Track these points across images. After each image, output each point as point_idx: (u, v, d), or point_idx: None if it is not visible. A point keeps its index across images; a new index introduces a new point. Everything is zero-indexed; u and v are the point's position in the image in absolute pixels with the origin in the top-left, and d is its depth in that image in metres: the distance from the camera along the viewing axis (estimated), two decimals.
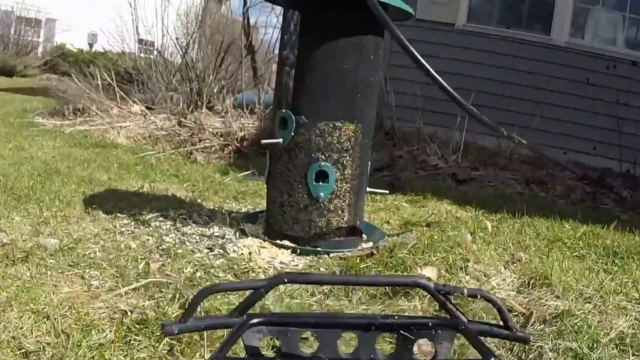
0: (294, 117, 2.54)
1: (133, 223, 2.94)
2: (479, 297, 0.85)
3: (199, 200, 3.44)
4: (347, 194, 2.59)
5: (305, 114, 2.53)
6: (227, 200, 3.52)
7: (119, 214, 3.02)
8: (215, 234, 2.79)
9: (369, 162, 2.73)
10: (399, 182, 4.31)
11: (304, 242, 2.59)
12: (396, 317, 0.86)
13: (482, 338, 0.79)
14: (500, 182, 4.92)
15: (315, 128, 2.53)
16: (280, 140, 2.57)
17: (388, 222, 3.28)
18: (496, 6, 7.38)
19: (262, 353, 0.81)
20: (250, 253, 2.48)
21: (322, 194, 2.52)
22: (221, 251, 2.54)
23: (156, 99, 6.92)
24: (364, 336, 0.83)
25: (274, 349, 1.35)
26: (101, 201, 3.24)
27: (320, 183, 2.53)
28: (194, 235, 2.75)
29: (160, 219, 3.00)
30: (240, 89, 7.23)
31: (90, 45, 11.64)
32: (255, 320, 0.79)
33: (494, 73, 6.65)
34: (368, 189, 2.74)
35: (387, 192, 2.96)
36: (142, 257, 2.39)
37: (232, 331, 0.77)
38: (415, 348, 0.85)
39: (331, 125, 2.54)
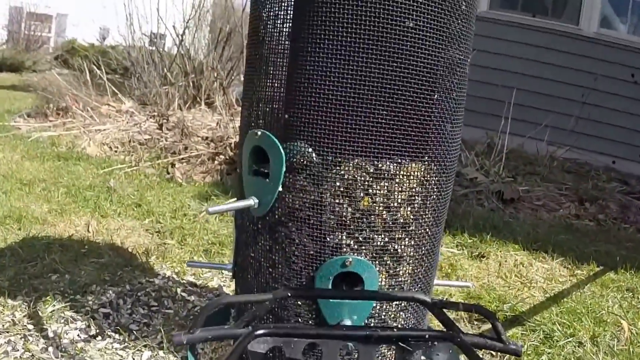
0: (285, 148, 1.03)
1: (25, 319, 1.48)
2: (473, 311, 0.85)
3: (153, 260, 1.94)
4: (401, 313, 1.07)
5: (314, 140, 1.01)
6: (196, 256, 2.01)
7: (9, 300, 1.55)
8: None
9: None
10: None
11: None
12: (395, 330, 0.81)
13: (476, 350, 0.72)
14: (550, 200, 3.42)
15: (337, 174, 1.00)
16: (253, 202, 1.07)
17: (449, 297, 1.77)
18: None
19: None
20: None
21: (347, 320, 1.00)
22: None
23: (150, 95, 5.38)
24: (364, 347, 0.78)
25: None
26: (7, 261, 1.79)
27: (345, 300, 1.02)
28: None
29: (70, 312, 1.52)
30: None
31: (103, 39, 10.14)
32: (260, 332, 0.74)
33: (522, 66, 5.05)
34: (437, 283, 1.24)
35: (470, 284, 1.39)
36: None
37: (239, 341, 0.72)
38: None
39: (372, 170, 1.00)
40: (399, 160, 1.01)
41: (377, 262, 1.03)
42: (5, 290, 1.59)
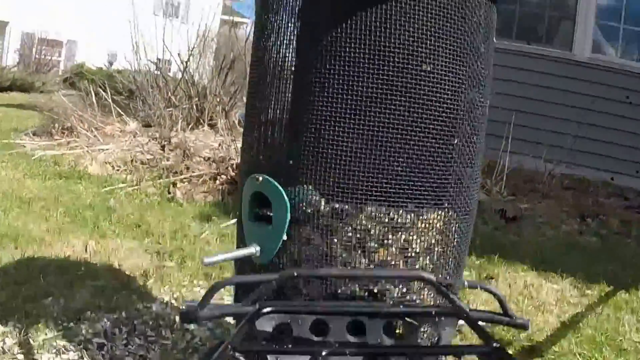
0: (289, 195, 0.90)
1: (16, 347, 1.38)
2: (479, 288, 0.83)
3: (151, 283, 1.85)
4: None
5: (322, 186, 0.88)
6: (195, 279, 1.92)
7: (0, 325, 1.46)
8: None
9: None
10: None
11: None
12: (401, 306, 0.81)
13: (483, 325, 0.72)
14: (552, 217, 3.34)
15: (348, 225, 0.87)
16: (254, 250, 0.93)
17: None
18: (515, 20, 5.72)
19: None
20: None
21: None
22: None
23: (154, 117, 5.33)
24: (371, 323, 0.77)
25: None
26: (1, 282, 1.70)
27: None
28: None
29: (62, 341, 1.42)
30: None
31: (110, 64, 10.15)
32: (267, 309, 0.73)
33: (520, 89, 5.02)
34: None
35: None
36: None
37: (246, 319, 0.71)
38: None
39: (387, 220, 0.87)
40: (417, 209, 0.90)
41: None
42: None
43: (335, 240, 0.88)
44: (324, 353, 0.73)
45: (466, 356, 0.83)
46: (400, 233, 0.88)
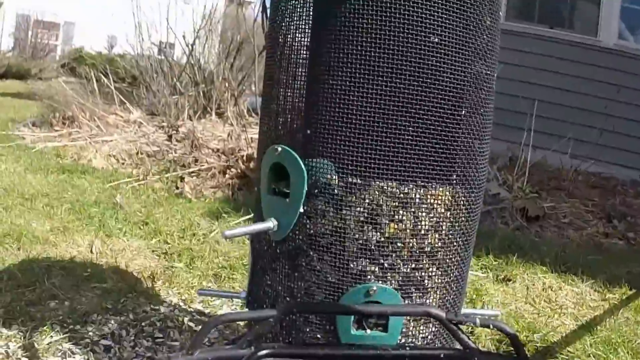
0: (307, 166, 0.97)
1: (20, 351, 1.40)
2: (491, 327, 0.79)
3: (159, 285, 1.86)
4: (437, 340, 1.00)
5: (336, 158, 0.95)
6: (205, 281, 1.92)
7: (4, 329, 1.47)
8: None
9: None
10: None
11: None
12: (407, 348, 0.79)
13: None
14: (576, 218, 3.30)
15: (360, 199, 0.94)
16: (272, 224, 0.99)
17: (474, 336, 1.67)
18: (537, 2, 5.62)
19: None
20: None
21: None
22: None
23: (159, 105, 5.32)
24: None
25: None
26: (4, 285, 1.71)
27: (367, 332, 0.94)
28: None
29: (68, 344, 1.43)
30: (258, 93, 5.57)
31: (110, 48, 10.14)
32: (264, 352, 0.71)
33: (541, 77, 4.94)
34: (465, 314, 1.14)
35: (498, 313, 1.30)
36: None
37: None
38: None
39: (397, 194, 0.94)
40: (425, 183, 0.96)
41: (402, 292, 0.96)
42: (0, 319, 1.51)
43: (348, 213, 0.94)
44: None
45: None
46: (409, 208, 0.95)
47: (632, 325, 1.85)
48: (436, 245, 0.98)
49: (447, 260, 1.01)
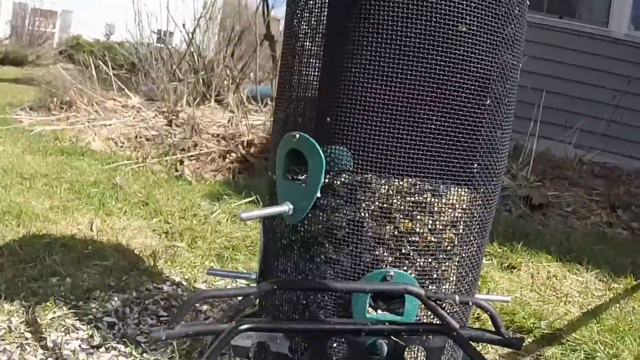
0: (325, 152, 0.95)
1: (22, 326, 1.38)
2: (470, 304, 0.82)
3: (161, 264, 1.84)
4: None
5: (355, 146, 0.93)
6: (207, 261, 1.91)
7: (6, 304, 1.45)
8: None
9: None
10: None
11: None
12: (386, 323, 0.79)
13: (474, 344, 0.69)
14: (580, 206, 3.29)
15: (377, 189, 0.93)
16: (287, 208, 0.97)
17: (481, 321, 1.66)
18: None
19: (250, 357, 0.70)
20: None
21: (383, 342, 0.89)
22: None
23: (157, 91, 5.29)
24: (355, 342, 0.76)
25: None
26: (5, 261, 1.69)
27: (386, 313, 0.91)
28: None
29: (71, 320, 1.41)
30: (258, 80, 5.54)
31: (108, 36, 10.07)
32: (244, 327, 0.72)
33: (550, 68, 4.91)
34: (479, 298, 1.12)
35: (509, 299, 1.28)
36: None
37: (222, 337, 0.70)
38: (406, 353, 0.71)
39: (414, 185, 0.92)
40: (444, 177, 0.95)
41: (421, 279, 0.94)
42: (1, 294, 1.49)
43: (363, 206, 0.93)
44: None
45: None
46: (427, 199, 0.93)
47: (638, 315, 1.84)
48: (453, 240, 0.98)
49: (463, 253, 1.00)
